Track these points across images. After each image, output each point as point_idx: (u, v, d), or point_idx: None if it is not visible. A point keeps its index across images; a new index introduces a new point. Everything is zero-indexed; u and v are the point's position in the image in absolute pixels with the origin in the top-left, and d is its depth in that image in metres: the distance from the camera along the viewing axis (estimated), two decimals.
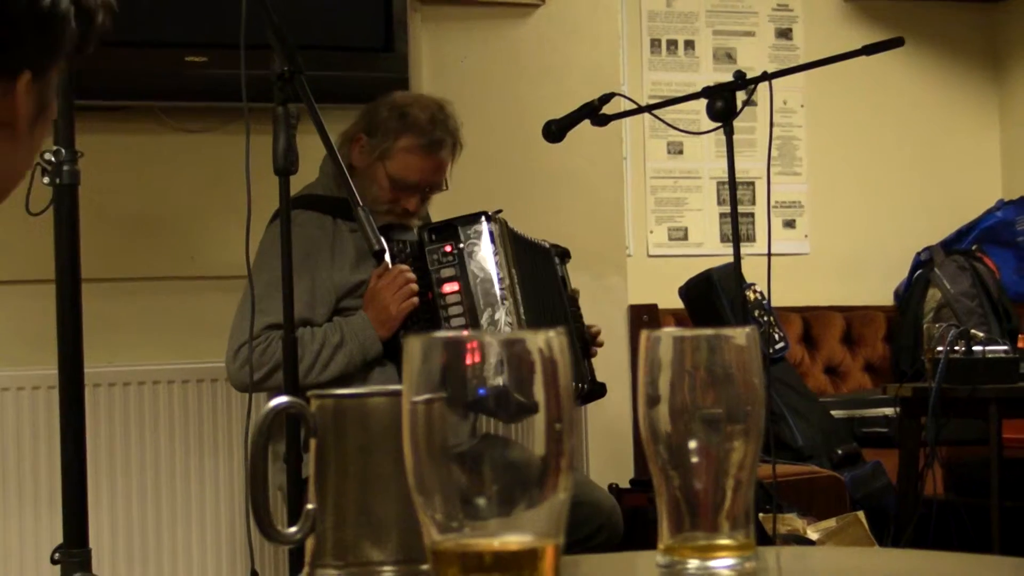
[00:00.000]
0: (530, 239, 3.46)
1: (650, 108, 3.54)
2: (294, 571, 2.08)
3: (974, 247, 5.72)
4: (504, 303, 3.21)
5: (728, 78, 3.19)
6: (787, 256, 5.57)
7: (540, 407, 0.78)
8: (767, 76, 3.15)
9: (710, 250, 5.55)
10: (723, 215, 5.62)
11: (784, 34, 5.83)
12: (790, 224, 5.79)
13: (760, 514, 3.60)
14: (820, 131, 5.83)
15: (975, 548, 3.92)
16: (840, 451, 4.66)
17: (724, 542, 1.00)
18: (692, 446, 0.99)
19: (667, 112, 3.53)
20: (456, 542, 0.79)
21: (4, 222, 3.49)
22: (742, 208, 5.58)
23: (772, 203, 5.53)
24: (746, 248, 4.02)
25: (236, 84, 2.76)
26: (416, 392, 0.79)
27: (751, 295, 4.45)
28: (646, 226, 5.55)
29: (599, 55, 4.39)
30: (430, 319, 3.22)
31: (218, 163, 3.81)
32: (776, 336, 4.71)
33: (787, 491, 4.04)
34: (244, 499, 3.72)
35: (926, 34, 5.92)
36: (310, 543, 1.01)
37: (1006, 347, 4.22)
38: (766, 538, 3.48)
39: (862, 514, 4.08)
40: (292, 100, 2.73)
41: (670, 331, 1.00)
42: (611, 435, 4.17)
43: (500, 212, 3.35)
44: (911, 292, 5.65)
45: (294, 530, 1.01)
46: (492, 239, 3.25)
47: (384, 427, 0.99)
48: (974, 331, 4.24)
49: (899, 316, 5.68)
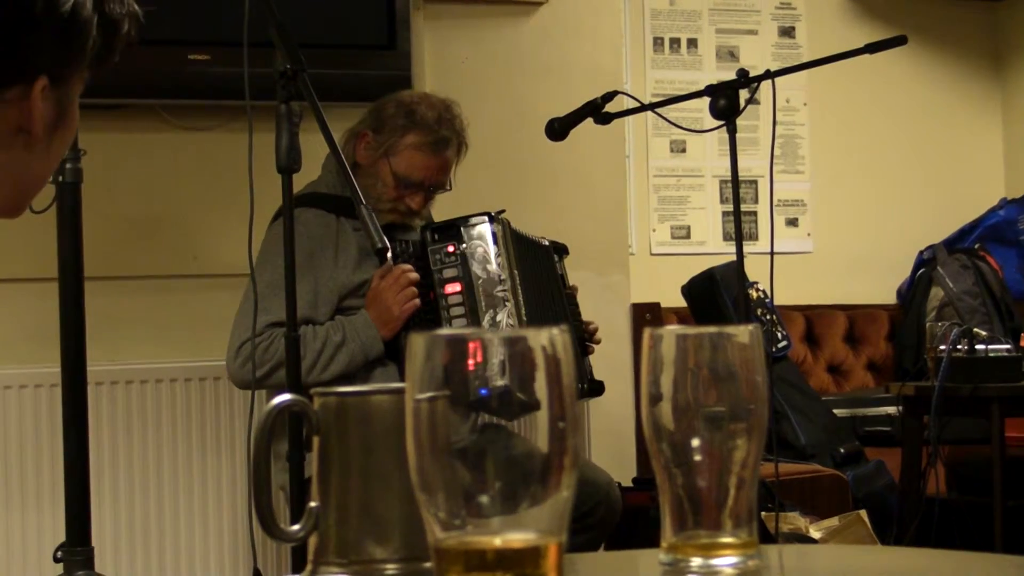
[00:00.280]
0: (530, 237, 3.46)
1: (653, 106, 3.54)
2: (297, 569, 2.08)
3: (977, 246, 5.72)
4: (506, 304, 3.21)
5: (731, 76, 3.18)
6: (790, 255, 5.57)
7: (543, 405, 0.78)
8: (770, 74, 3.15)
9: (713, 248, 5.54)
10: (726, 213, 5.62)
11: (787, 32, 5.82)
12: (793, 222, 5.79)
13: (763, 513, 3.60)
14: (823, 130, 5.82)
15: (978, 547, 3.92)
16: (843, 450, 4.66)
17: (727, 540, 1.00)
18: (695, 444, 0.99)
19: (670, 110, 3.53)
20: (459, 540, 0.79)
21: (7, 220, 3.49)
22: (745, 206, 5.57)
23: (775, 201, 5.49)
24: (749, 246, 4.00)
25: (239, 82, 2.76)
26: (419, 390, 0.79)
27: (754, 294, 4.46)
28: (649, 224, 5.54)
29: (602, 53, 4.39)
30: (432, 319, 3.22)
31: (221, 161, 3.81)
32: (779, 335, 4.72)
33: (790, 490, 4.04)
34: (247, 497, 3.72)
35: (929, 32, 5.91)
36: (313, 541, 1.01)
37: (1009, 346, 4.22)
38: (769, 537, 3.48)
39: (864, 513, 4.07)
40: (295, 98, 2.73)
41: (673, 329, 1.00)
42: (614, 434, 4.17)
43: (503, 212, 3.36)
44: (914, 291, 5.65)
45: (297, 528, 1.01)
46: (495, 240, 3.25)
47: (387, 425, 0.99)
48: (977, 330, 4.24)
49: (902, 315, 5.67)
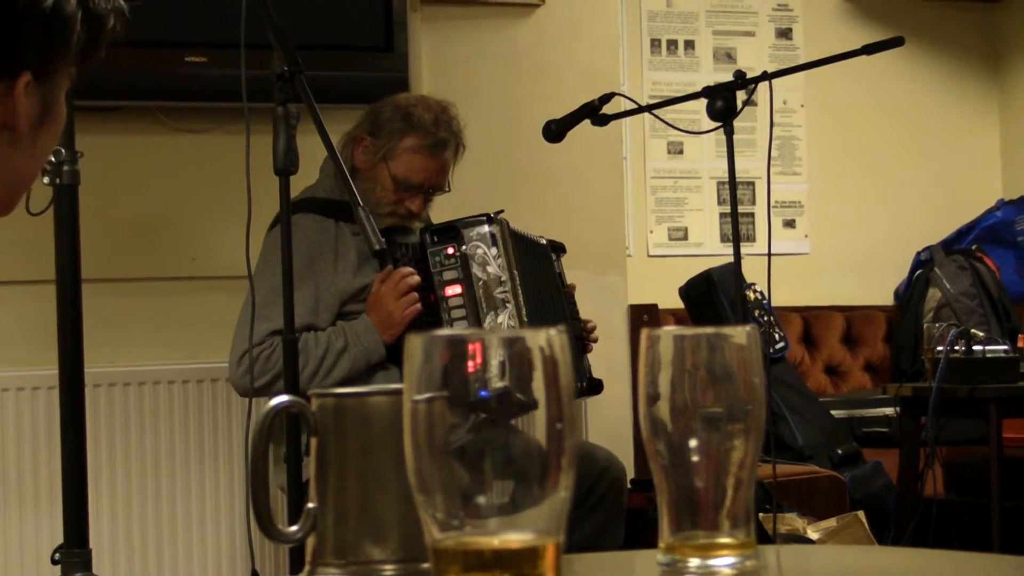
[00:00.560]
0: (529, 236, 3.46)
1: (650, 108, 3.54)
2: (295, 570, 2.07)
3: (974, 247, 5.72)
4: (507, 306, 3.21)
5: (728, 78, 3.18)
6: (787, 256, 5.57)
7: (540, 406, 0.78)
8: (767, 76, 3.15)
9: (710, 250, 5.55)
10: (723, 215, 5.62)
11: (784, 34, 5.83)
12: (790, 224, 5.79)
13: (760, 514, 3.60)
14: (820, 131, 5.83)
15: (975, 547, 3.92)
16: (840, 451, 4.66)
17: (725, 541, 1.00)
18: (693, 445, 0.99)
19: (667, 112, 3.53)
20: (457, 540, 0.79)
21: (4, 222, 3.47)
22: (742, 208, 5.57)
23: (772, 203, 5.51)
24: (746, 248, 4.01)
25: (236, 84, 2.76)
26: (417, 391, 0.79)
27: (751, 295, 4.45)
28: (646, 226, 5.55)
29: (599, 55, 4.39)
30: (433, 321, 3.22)
31: (218, 163, 3.81)
32: (776, 336, 4.71)
33: (787, 491, 4.04)
34: (245, 499, 3.72)
35: (926, 34, 5.92)
36: (311, 542, 1.01)
37: (1006, 347, 4.22)
38: (766, 538, 3.48)
39: (862, 514, 4.08)
40: (292, 100, 2.73)
41: (670, 330, 1.00)
42: (611, 435, 4.17)
43: (501, 212, 3.35)
44: (911, 292, 5.65)
45: (295, 529, 1.01)
46: (494, 241, 3.25)
47: (385, 426, 0.99)
48: (974, 331, 4.25)
49: (899, 316, 5.68)
